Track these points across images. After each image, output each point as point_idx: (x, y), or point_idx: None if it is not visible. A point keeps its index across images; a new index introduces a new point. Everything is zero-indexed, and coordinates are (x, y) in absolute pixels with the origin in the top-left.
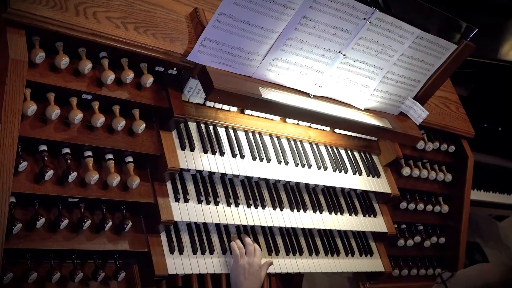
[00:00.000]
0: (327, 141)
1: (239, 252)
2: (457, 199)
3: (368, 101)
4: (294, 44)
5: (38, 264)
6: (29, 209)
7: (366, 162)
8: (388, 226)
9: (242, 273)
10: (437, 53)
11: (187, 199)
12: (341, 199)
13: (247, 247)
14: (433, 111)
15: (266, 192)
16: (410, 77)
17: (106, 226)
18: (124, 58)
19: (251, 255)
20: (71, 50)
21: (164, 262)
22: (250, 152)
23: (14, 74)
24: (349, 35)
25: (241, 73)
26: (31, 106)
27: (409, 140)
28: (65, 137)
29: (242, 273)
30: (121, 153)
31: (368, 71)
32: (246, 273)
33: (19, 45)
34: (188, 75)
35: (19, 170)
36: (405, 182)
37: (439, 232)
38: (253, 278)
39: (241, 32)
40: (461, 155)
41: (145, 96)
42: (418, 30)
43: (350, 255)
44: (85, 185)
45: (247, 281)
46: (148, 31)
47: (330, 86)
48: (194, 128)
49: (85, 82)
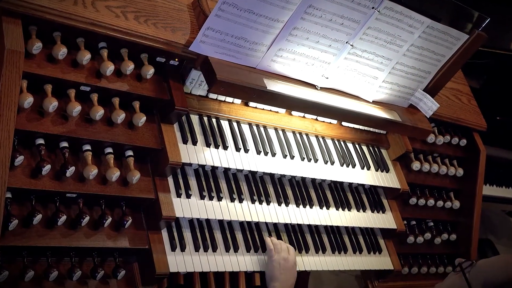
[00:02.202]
0: (334, 134)
1: (275, 248)
2: (468, 195)
3: (377, 93)
4: (300, 34)
5: (35, 262)
6: (26, 205)
7: (375, 156)
8: (397, 223)
9: (278, 268)
10: (448, 43)
11: (189, 195)
12: (349, 194)
13: (281, 244)
14: (444, 103)
15: (271, 188)
16: (420, 68)
17: (105, 223)
18: (124, 49)
19: (285, 251)
20: (69, 40)
21: (165, 259)
22: (255, 146)
23: (10, 65)
24: (357, 24)
25: (245, 64)
26: (28, 98)
27: (419, 133)
28: (63, 131)
29: (278, 268)
30: (120, 147)
31: (376, 62)
32: (282, 268)
33: (15, 35)
34: (190, 66)
35: (15, 164)
36: (415, 177)
37: (450, 228)
38: (288, 273)
39: (245, 21)
40: (473, 149)
41: (145, 88)
42: (429, 20)
43: (358, 252)
44: (84, 180)
45: (282, 275)
46: (149, 21)
47: (337, 77)
48: (197, 121)
49: (83, 74)
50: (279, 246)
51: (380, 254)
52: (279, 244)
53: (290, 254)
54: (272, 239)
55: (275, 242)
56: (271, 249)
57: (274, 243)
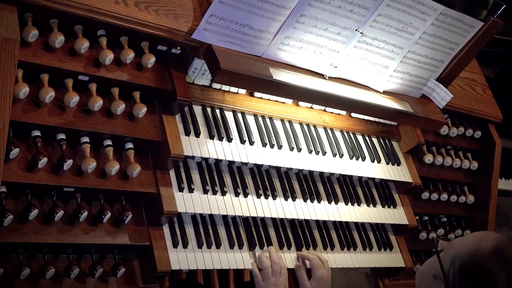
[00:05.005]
0: (343, 126)
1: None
2: (483, 189)
3: (388, 82)
4: (307, 21)
5: (31, 259)
6: (21, 200)
7: (385, 148)
8: (409, 218)
9: None
10: (462, 31)
11: (192, 189)
12: (358, 188)
13: (273, 266)
14: (458, 93)
15: (277, 181)
16: (433, 57)
17: (104, 218)
18: (123, 37)
19: (276, 274)
20: (67, 27)
21: (167, 257)
22: (260, 138)
23: (5, 53)
24: (367, 11)
25: (250, 53)
26: (23, 88)
27: (432, 125)
28: (60, 122)
29: None
30: (120, 139)
31: (387, 51)
32: None
33: (10, 22)
34: (193, 54)
35: (10, 157)
36: (428, 171)
37: (464, 224)
38: None
39: (250, 8)
40: (488, 141)
41: (146, 77)
42: (442, 6)
43: (368, 249)
44: (82, 174)
45: None
46: (149, 7)
47: (346, 66)
48: (200, 112)
49: (81, 63)
50: (268, 270)
51: (391, 251)
52: (268, 269)
53: (282, 275)
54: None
55: (265, 266)
56: (256, 274)
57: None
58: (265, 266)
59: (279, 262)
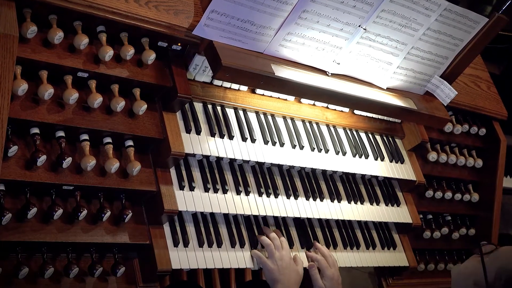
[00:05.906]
0: (346, 123)
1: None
2: (488, 187)
3: (391, 79)
4: (310, 17)
5: (30, 258)
6: (20, 198)
7: (389, 146)
8: (412, 217)
9: (276, 270)
10: (467, 27)
11: (193, 187)
12: (361, 187)
13: (273, 241)
14: (462, 90)
15: (279, 179)
16: (437, 53)
17: (104, 217)
18: (123, 33)
19: (279, 249)
20: (66, 23)
21: (168, 256)
22: (262, 136)
23: (3, 50)
24: (370, 7)
25: (252, 49)
26: (22, 85)
27: (436, 122)
28: (59, 119)
29: (276, 270)
30: (120, 137)
31: (391, 47)
32: (280, 268)
33: (9, 18)
34: (193, 51)
35: (8, 155)
36: (432, 168)
37: (468, 223)
38: (288, 271)
39: (252, 3)
40: (493, 139)
41: (146, 74)
42: (446, 2)
43: (371, 248)
44: (81, 172)
45: (282, 276)
46: (150, 3)
47: (349, 63)
48: (201, 109)
49: (81, 59)
50: (271, 247)
51: (394, 249)
52: (270, 246)
53: (284, 249)
54: (262, 239)
55: (266, 243)
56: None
57: (265, 244)
58: (266, 243)
59: (278, 237)
